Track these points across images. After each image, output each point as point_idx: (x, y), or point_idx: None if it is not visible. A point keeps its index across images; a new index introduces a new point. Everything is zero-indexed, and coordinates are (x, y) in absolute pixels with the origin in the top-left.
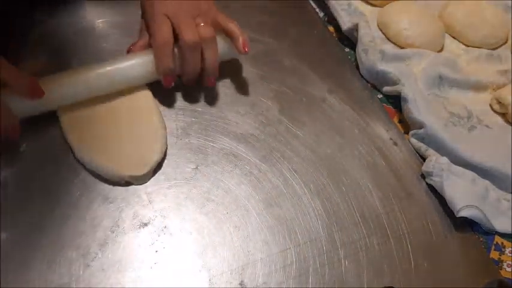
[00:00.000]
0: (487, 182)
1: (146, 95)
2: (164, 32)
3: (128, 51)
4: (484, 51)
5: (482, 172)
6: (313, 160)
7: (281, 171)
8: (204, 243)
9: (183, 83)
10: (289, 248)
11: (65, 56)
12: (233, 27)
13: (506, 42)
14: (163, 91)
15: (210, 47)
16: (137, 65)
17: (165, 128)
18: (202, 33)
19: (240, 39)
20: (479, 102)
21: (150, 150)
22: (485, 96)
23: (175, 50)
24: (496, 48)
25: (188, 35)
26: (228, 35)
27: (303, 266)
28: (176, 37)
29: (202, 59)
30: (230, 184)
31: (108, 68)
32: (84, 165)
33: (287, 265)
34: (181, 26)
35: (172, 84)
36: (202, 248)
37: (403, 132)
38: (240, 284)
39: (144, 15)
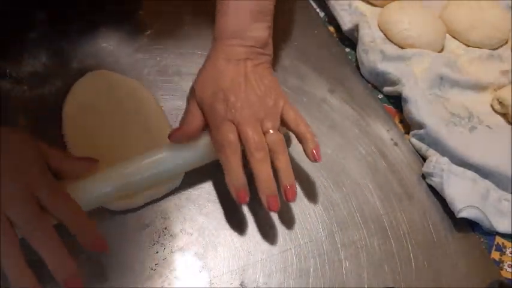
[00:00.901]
0: (487, 182)
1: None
2: (231, 143)
3: (170, 138)
4: (485, 51)
5: (483, 172)
6: None
7: None
8: (204, 244)
9: (266, 207)
10: (290, 249)
11: (65, 56)
12: (303, 129)
13: (506, 42)
14: (163, 93)
15: (279, 158)
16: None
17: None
18: (270, 143)
19: (310, 146)
20: (480, 103)
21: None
22: (486, 97)
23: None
24: (497, 48)
25: (256, 149)
26: (297, 137)
27: (303, 266)
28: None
29: (274, 168)
30: None
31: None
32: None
33: (287, 265)
34: (248, 136)
35: (247, 199)
36: (203, 248)
37: (403, 132)
38: (241, 284)
39: (204, 116)
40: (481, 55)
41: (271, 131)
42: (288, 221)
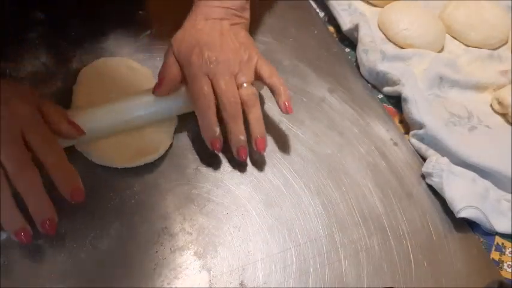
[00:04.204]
0: (487, 182)
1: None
2: (206, 96)
3: (154, 91)
4: (485, 51)
5: (483, 172)
6: (313, 160)
7: (281, 171)
8: (204, 243)
9: (236, 156)
10: (289, 248)
11: (65, 56)
12: (276, 82)
13: (506, 42)
14: None
15: (252, 111)
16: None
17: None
18: (243, 97)
19: (283, 98)
20: (479, 103)
21: (156, 139)
22: (486, 97)
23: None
24: (497, 48)
25: (229, 103)
26: (270, 89)
27: (303, 266)
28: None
29: (247, 120)
30: (230, 184)
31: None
32: (85, 155)
33: (287, 265)
34: (222, 90)
35: (220, 148)
36: (202, 248)
37: (403, 132)
38: (240, 284)
39: (181, 70)
40: (480, 55)
41: (245, 85)
42: (288, 220)
